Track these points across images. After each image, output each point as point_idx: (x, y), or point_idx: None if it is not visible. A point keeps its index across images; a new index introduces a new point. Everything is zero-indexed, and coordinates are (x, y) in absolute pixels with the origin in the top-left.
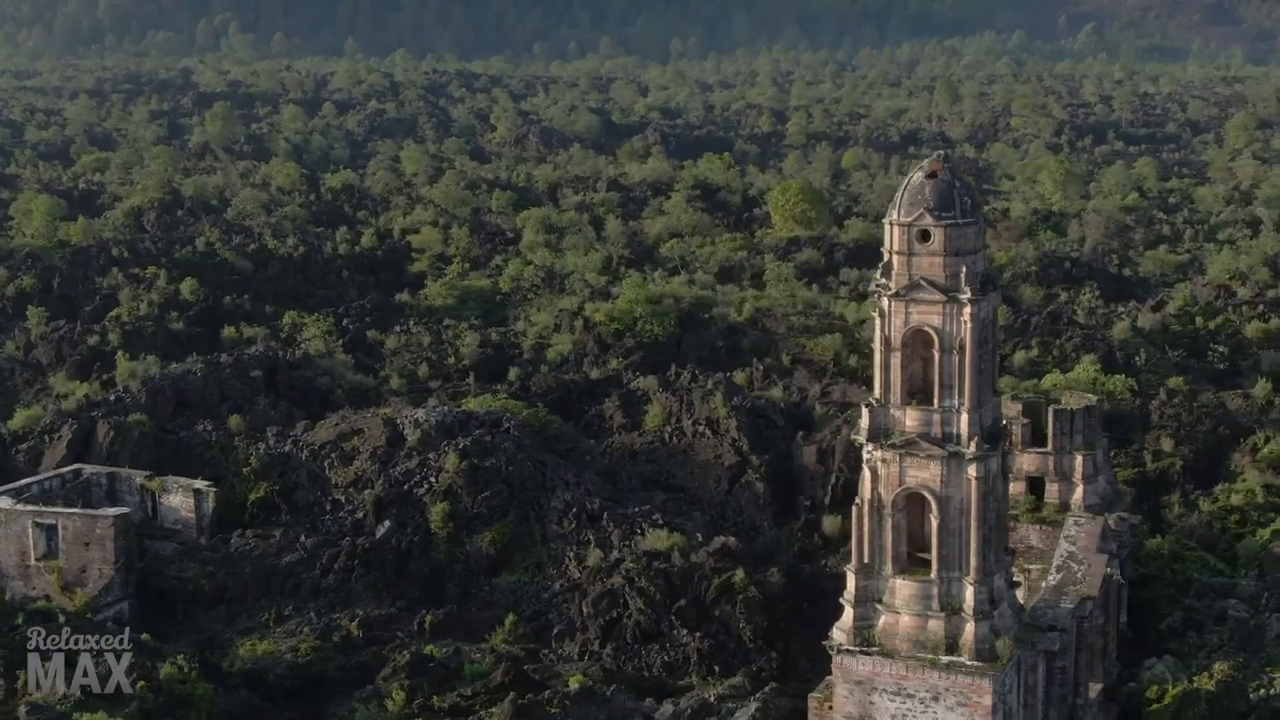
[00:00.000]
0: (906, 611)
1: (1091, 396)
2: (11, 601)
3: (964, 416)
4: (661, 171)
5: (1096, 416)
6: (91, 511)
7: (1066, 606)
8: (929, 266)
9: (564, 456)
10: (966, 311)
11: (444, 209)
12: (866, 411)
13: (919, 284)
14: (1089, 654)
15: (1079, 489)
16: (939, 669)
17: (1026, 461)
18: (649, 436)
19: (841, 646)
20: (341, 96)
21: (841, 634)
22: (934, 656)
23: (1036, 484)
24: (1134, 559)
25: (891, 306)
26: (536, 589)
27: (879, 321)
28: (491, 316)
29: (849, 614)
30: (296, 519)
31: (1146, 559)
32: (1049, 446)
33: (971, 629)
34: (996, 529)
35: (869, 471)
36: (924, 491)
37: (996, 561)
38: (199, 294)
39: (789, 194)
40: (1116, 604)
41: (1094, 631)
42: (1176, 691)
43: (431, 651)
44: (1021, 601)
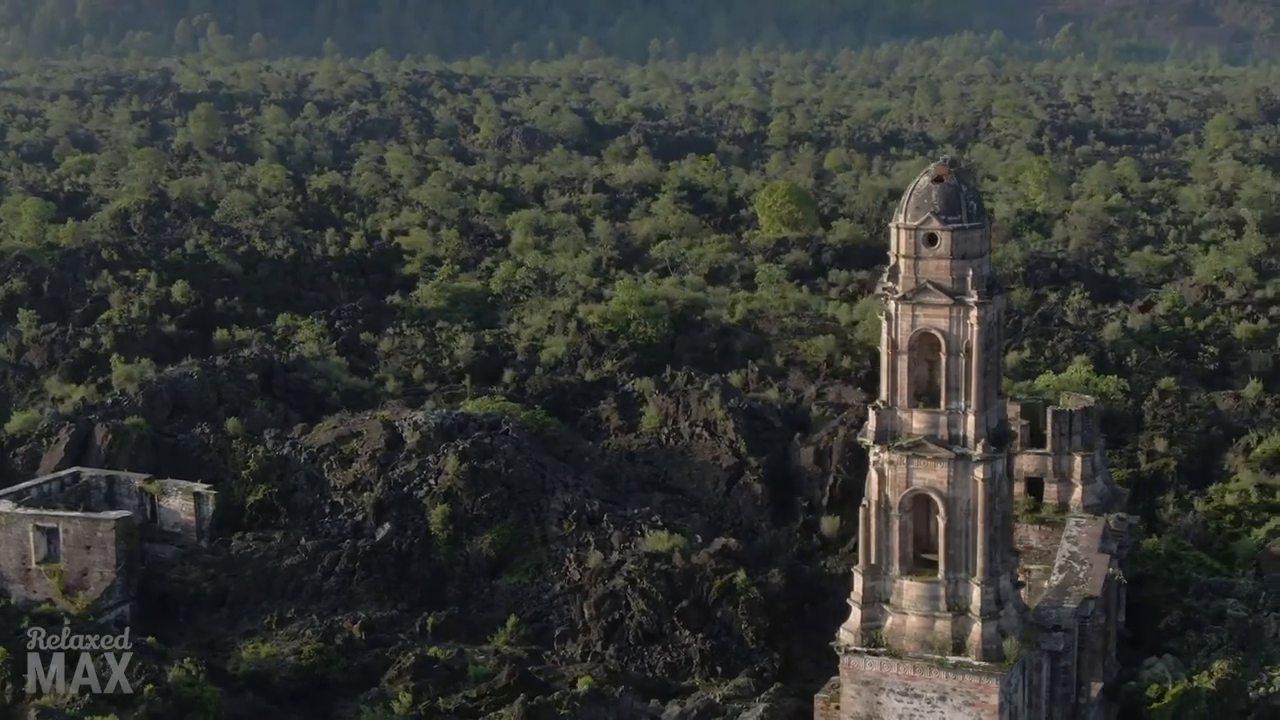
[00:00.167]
0: (914, 612)
1: (1089, 398)
2: (17, 605)
3: (970, 418)
4: (648, 173)
5: (1094, 417)
6: (93, 515)
7: (1070, 606)
8: (936, 270)
9: (562, 458)
10: (973, 314)
11: (432, 211)
12: (873, 414)
13: (926, 287)
14: (1091, 653)
15: (1078, 489)
16: (946, 669)
17: (1025, 462)
18: (646, 438)
19: (849, 647)
20: (323, 97)
21: (849, 635)
22: (941, 657)
23: (1035, 485)
24: (1131, 559)
25: (898, 309)
26: (537, 590)
27: (885, 324)
28: (483, 318)
29: (856, 615)
30: (296, 522)
31: (1143, 559)
32: (1048, 447)
33: (978, 629)
34: (1002, 530)
35: (876, 473)
36: (931, 493)
37: (1002, 562)
38: (190, 296)
39: (776, 195)
40: (1116, 604)
41: (1096, 631)
42: (1177, 690)
43: (436, 653)
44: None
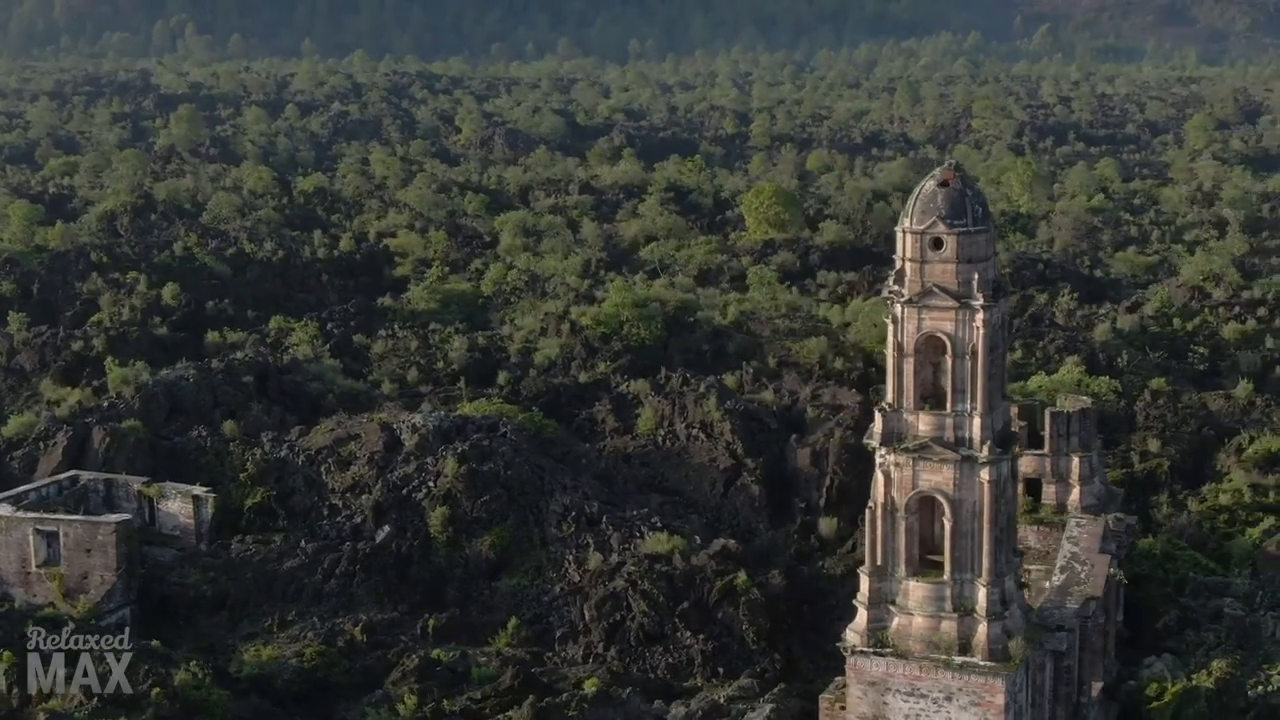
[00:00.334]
0: (919, 613)
1: (1086, 399)
2: (19, 609)
3: (976, 421)
4: (633, 174)
5: (1091, 419)
6: (93, 518)
7: (1072, 607)
8: (941, 273)
9: (560, 460)
10: (979, 317)
11: (419, 212)
12: (879, 416)
13: (932, 291)
14: (1092, 653)
15: (1075, 490)
16: (952, 669)
17: (1023, 463)
18: (642, 440)
19: (855, 648)
20: (304, 98)
21: (855, 635)
22: (947, 657)
23: (1033, 485)
24: (1127, 559)
25: (904, 313)
26: (537, 592)
27: (891, 327)
28: (475, 320)
29: (862, 615)
30: (294, 524)
31: (1139, 559)
32: (1045, 448)
33: (984, 629)
34: (1007, 531)
35: (882, 475)
36: (937, 495)
37: (1007, 563)
38: (180, 299)
39: (762, 197)
40: (1115, 604)
41: (1097, 631)
42: (1176, 689)
43: (439, 655)
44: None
